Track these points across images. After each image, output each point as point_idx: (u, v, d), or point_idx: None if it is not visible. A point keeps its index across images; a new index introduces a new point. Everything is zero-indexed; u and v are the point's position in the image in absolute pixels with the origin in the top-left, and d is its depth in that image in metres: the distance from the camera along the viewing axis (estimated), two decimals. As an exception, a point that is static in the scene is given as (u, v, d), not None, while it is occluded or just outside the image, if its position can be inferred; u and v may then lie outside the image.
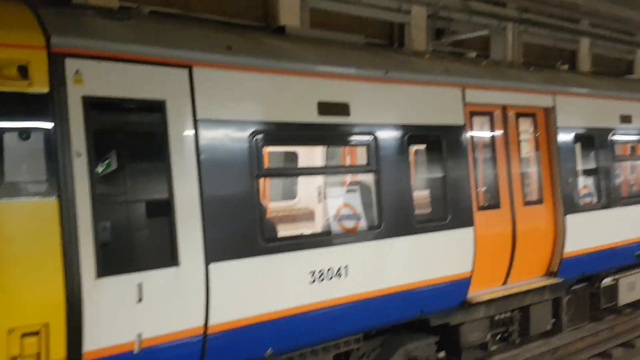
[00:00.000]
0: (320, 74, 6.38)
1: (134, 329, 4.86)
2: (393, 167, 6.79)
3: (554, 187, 8.78)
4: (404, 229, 6.81)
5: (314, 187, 9.49)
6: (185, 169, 5.23)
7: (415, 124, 7.09)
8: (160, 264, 5.05)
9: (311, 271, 6.03)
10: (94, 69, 4.79)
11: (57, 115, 4.57)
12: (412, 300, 6.97)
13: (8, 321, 4.27)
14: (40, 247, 4.43)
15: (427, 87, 7.37)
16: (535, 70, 9.58)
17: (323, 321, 6.19)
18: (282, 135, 6.12)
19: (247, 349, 5.69)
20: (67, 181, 4.55)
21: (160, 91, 5.16)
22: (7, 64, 4.38)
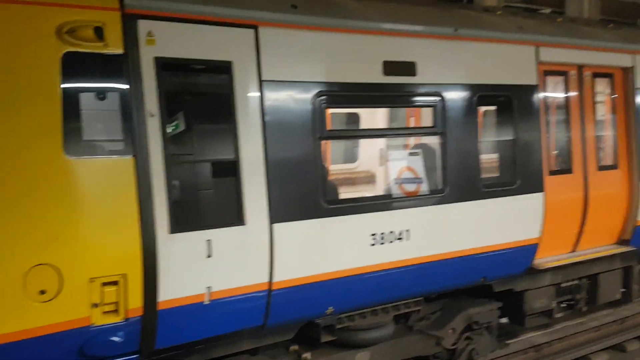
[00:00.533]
0: (386, 32, 6.18)
1: (203, 282, 5.03)
2: (460, 129, 6.57)
3: (630, 152, 8.31)
4: (469, 194, 6.63)
5: (376, 149, 9.37)
6: (250, 130, 5.26)
7: (485, 83, 6.81)
8: (228, 222, 5.16)
9: (372, 234, 6.01)
10: (164, 30, 4.83)
11: (131, 76, 4.67)
12: (476, 265, 6.85)
13: (90, 271, 4.51)
14: (118, 203, 4.61)
15: (499, 45, 7.03)
16: (614, 27, 8.95)
17: (383, 283, 6.19)
18: (345, 96, 6.02)
19: (308, 306, 5.80)
20: (141, 141, 4.68)
21: (227, 52, 5.17)
22: (84, 25, 4.48)
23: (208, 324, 5.18)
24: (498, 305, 7.52)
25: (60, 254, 4.41)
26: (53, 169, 4.39)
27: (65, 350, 4.54)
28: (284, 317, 5.64)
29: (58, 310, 4.43)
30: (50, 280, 4.38)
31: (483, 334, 7.47)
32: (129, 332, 4.74)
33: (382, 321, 6.51)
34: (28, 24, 4.35)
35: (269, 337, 5.80)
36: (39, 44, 4.37)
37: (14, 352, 4.33)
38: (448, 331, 7.13)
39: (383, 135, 8.76)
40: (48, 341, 4.43)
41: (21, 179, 4.30)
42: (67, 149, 4.43)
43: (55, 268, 4.39)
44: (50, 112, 4.38)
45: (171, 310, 4.90)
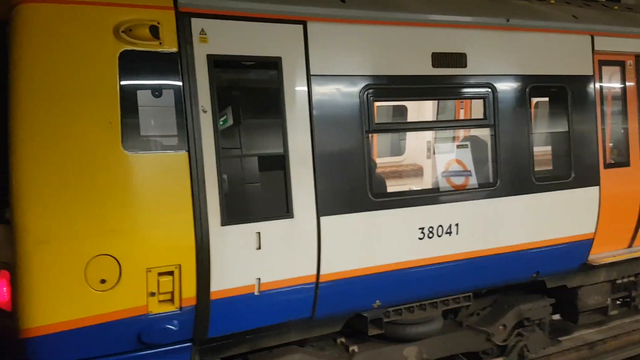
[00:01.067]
0: (435, 23, 6.11)
1: (253, 274, 5.15)
2: (512, 121, 6.44)
3: None
4: (522, 187, 6.50)
5: (424, 142, 9.28)
6: (298, 124, 5.32)
7: (538, 74, 6.64)
8: (276, 215, 5.25)
9: (420, 227, 5.97)
10: (216, 28, 4.95)
11: (185, 73, 4.80)
12: (528, 261, 6.71)
13: (147, 261, 4.70)
14: (173, 196, 4.77)
15: (552, 35, 6.83)
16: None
17: (432, 277, 6.15)
18: (393, 89, 5.99)
19: (356, 299, 5.83)
20: (195, 136, 4.81)
21: (276, 48, 5.24)
22: (140, 24, 4.64)
23: (258, 315, 5.30)
24: (551, 301, 7.36)
25: (119, 245, 4.60)
26: (112, 164, 4.58)
27: (124, 336, 4.74)
28: (331, 309, 5.70)
29: (118, 298, 4.63)
30: (110, 270, 4.58)
31: (535, 330, 7.34)
32: (183, 320, 4.91)
33: (431, 316, 6.48)
34: (88, 24, 4.54)
35: (316, 329, 5.88)
36: (98, 43, 4.56)
37: (77, 338, 4.56)
38: (499, 327, 7.03)
39: (432, 128, 8.65)
40: (109, 328, 4.64)
41: (83, 173, 4.51)
42: (125, 144, 4.61)
43: (114, 258, 4.58)
44: (109, 109, 4.56)
45: (223, 301, 5.04)
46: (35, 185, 4.39)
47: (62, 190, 4.45)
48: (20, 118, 4.40)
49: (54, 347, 4.55)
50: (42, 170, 4.41)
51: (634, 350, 8.16)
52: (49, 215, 4.41)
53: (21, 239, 4.38)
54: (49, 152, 4.42)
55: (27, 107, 4.40)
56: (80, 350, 4.65)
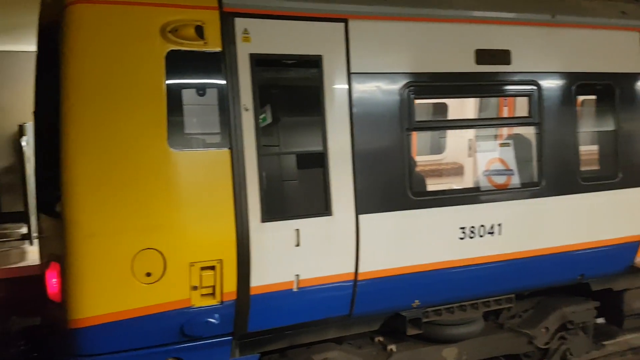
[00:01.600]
0: (479, 19, 6.02)
1: (292, 270, 5.20)
2: (557, 119, 6.29)
3: None
4: (567, 187, 6.35)
5: (465, 140, 9.16)
6: (338, 122, 5.33)
7: (584, 71, 6.46)
8: (316, 212, 5.28)
9: (461, 227, 5.90)
10: (258, 27, 5.01)
11: (228, 72, 4.89)
12: (573, 262, 6.55)
13: (190, 256, 4.81)
14: (215, 193, 4.86)
15: (599, 32, 6.64)
16: None
17: (472, 278, 6.07)
18: (435, 86, 5.94)
19: (394, 298, 5.81)
20: (237, 134, 4.89)
21: (317, 47, 5.26)
22: (186, 24, 4.73)
23: (296, 311, 5.35)
24: (595, 304, 7.16)
25: (164, 240, 4.73)
26: (158, 161, 4.70)
27: (168, 328, 4.86)
28: (369, 307, 5.70)
29: (162, 291, 4.76)
30: (155, 264, 4.71)
31: (578, 333, 7.16)
32: (224, 314, 5.00)
33: (471, 317, 6.40)
34: (136, 24, 4.67)
35: (354, 327, 5.88)
36: (146, 43, 4.68)
37: (123, 329, 4.71)
38: (541, 330, 6.89)
39: (474, 126, 8.51)
40: (153, 320, 4.77)
41: (130, 170, 4.65)
42: (171, 142, 4.72)
43: (159, 252, 4.71)
44: (156, 107, 4.68)
45: (263, 296, 5.11)
46: (85, 180, 4.55)
47: (110, 185, 4.60)
48: (71, 116, 4.57)
49: (101, 337, 4.71)
50: (91, 166, 4.56)
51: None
52: (98, 210, 4.56)
53: (71, 232, 4.55)
54: (98, 149, 4.57)
55: (77, 106, 4.56)
56: (126, 341, 4.80)
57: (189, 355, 5.05)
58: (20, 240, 8.73)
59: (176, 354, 5.03)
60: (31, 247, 8.46)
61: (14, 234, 9.08)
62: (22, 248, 8.36)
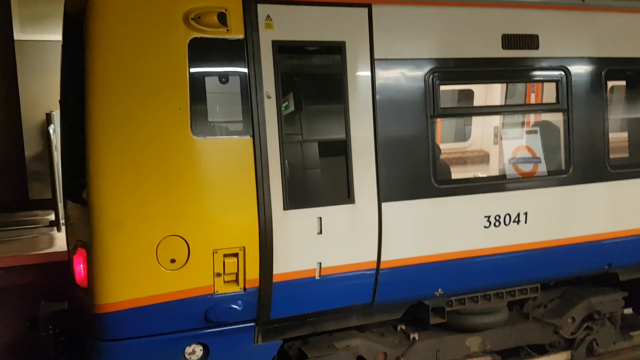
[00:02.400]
0: (506, 3, 5.88)
1: (315, 258, 5.19)
2: (587, 105, 6.13)
3: None
4: (596, 175, 6.20)
5: (491, 127, 9.00)
6: (361, 109, 5.28)
7: (615, 56, 6.28)
8: (338, 200, 5.26)
9: (486, 215, 5.82)
10: (281, 14, 4.97)
11: (251, 59, 4.87)
12: (600, 252, 6.42)
13: (213, 242, 4.84)
14: (238, 180, 4.88)
15: (631, 15, 6.43)
16: None
17: (497, 267, 5.99)
18: (461, 72, 5.82)
19: (417, 287, 5.77)
20: (259, 121, 4.88)
21: (339, 33, 5.20)
22: (209, 12, 4.72)
23: (319, 298, 5.35)
24: (623, 294, 7.03)
25: (188, 227, 4.76)
26: (182, 149, 4.72)
27: (192, 314, 4.92)
28: (392, 296, 5.68)
29: (186, 277, 4.81)
30: (179, 251, 4.75)
31: (605, 324, 7.03)
32: (247, 301, 5.03)
33: (495, 306, 6.33)
34: (159, 12, 4.68)
35: (377, 315, 5.86)
36: (170, 31, 4.69)
37: (148, 314, 4.78)
38: (567, 320, 6.80)
39: (500, 112, 8.35)
40: (178, 305, 4.83)
41: (154, 157, 4.68)
42: (194, 129, 4.74)
43: (183, 239, 4.75)
44: (179, 95, 4.69)
45: (285, 283, 5.12)
46: (111, 168, 4.60)
47: (135, 173, 4.64)
48: (96, 104, 4.61)
49: (126, 322, 4.79)
50: (116, 153, 4.61)
51: None
52: (124, 197, 4.62)
53: (98, 218, 4.62)
54: (123, 137, 4.61)
55: (102, 94, 4.60)
56: (151, 326, 4.87)
57: (213, 340, 5.11)
58: (49, 227, 8.90)
59: (200, 339, 5.09)
60: (59, 233, 8.61)
61: (42, 221, 9.25)
62: (50, 235, 8.52)
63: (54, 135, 8.94)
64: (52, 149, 8.78)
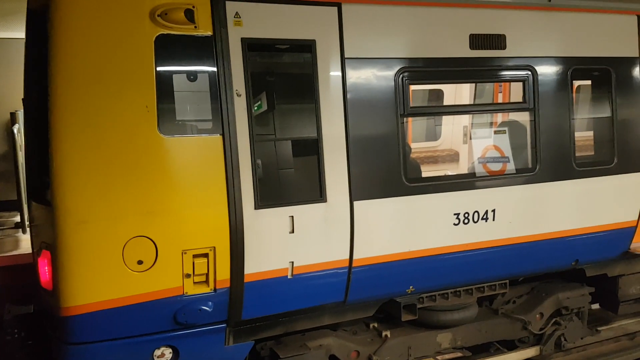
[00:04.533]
0: (473, 4, 5.95)
1: (287, 257, 5.17)
2: (553, 104, 6.25)
3: None
4: (562, 173, 6.32)
5: (460, 127, 9.10)
6: (332, 108, 5.28)
7: (580, 56, 6.41)
8: (310, 199, 5.24)
9: (455, 213, 5.88)
10: (250, 11, 4.94)
11: (219, 57, 4.82)
12: (568, 248, 6.55)
13: (183, 243, 4.77)
14: (207, 179, 4.82)
15: (596, 15, 6.57)
16: None
17: (467, 264, 6.06)
18: (430, 72, 5.87)
19: (389, 284, 5.80)
20: (229, 120, 4.83)
21: (309, 31, 5.19)
22: (176, 8, 4.66)
23: (291, 298, 5.33)
24: (590, 290, 7.18)
25: (156, 227, 4.69)
26: (149, 148, 4.64)
27: (160, 316, 4.84)
28: (364, 294, 5.69)
29: (154, 279, 4.73)
30: (147, 251, 4.67)
31: (573, 319, 7.18)
32: (217, 302, 4.98)
33: (465, 302, 6.40)
34: (125, 8, 4.59)
35: (349, 314, 5.86)
36: (135, 27, 4.60)
37: (115, 317, 4.68)
38: (536, 315, 6.91)
39: (468, 111, 8.45)
40: (145, 308, 4.74)
41: (121, 156, 4.59)
42: (162, 128, 4.66)
43: (151, 240, 4.67)
44: (146, 93, 4.61)
45: (257, 283, 5.08)
46: (75, 167, 4.49)
47: (101, 172, 4.55)
48: (59, 101, 4.50)
49: (92, 325, 4.68)
50: (81, 152, 4.51)
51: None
52: (89, 197, 4.52)
53: (61, 219, 4.51)
54: (88, 135, 4.51)
55: (66, 91, 4.49)
56: (118, 329, 4.77)
57: (182, 342, 5.04)
58: (14, 229, 8.67)
59: (169, 341, 5.01)
60: (24, 235, 8.39)
61: (7, 223, 9.00)
62: (16, 237, 8.30)
63: (19, 135, 8.70)
64: (16, 149, 8.55)
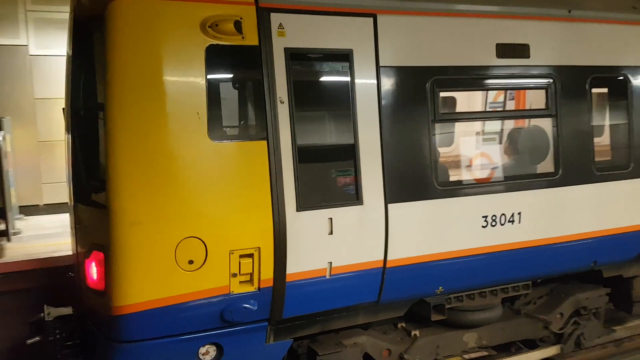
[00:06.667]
0: (500, 14, 6.20)
1: (325, 257, 5.36)
2: (573, 111, 6.50)
3: None
4: (582, 177, 6.57)
5: (473, 133, 9.32)
6: (367, 114, 5.50)
7: (599, 65, 6.68)
8: (347, 202, 5.44)
9: (484, 216, 6.10)
10: (293, 22, 5.15)
11: (264, 66, 5.03)
12: (587, 250, 6.78)
13: (230, 244, 4.96)
14: (253, 182, 5.01)
15: (613, 26, 6.85)
16: None
17: (493, 265, 6.27)
18: (460, 79, 6.10)
19: (420, 285, 6.00)
20: (273, 125, 5.03)
21: (347, 41, 5.41)
22: (226, 20, 4.87)
23: (329, 297, 5.51)
24: (607, 291, 7.41)
25: (206, 228, 4.87)
26: (200, 152, 4.83)
27: (208, 314, 5.01)
28: (396, 294, 5.88)
29: (204, 278, 4.90)
30: (197, 252, 4.85)
31: (591, 319, 7.40)
32: (261, 301, 5.15)
33: (491, 303, 6.61)
34: (178, 19, 4.78)
35: (382, 313, 6.06)
36: (188, 37, 4.80)
37: (166, 315, 4.85)
38: (556, 315, 7.13)
39: (495, 117, 8.70)
40: (195, 306, 4.91)
41: (173, 160, 4.77)
42: (211, 134, 4.86)
43: (201, 241, 4.85)
44: (197, 100, 4.80)
45: (297, 283, 5.27)
46: (130, 171, 4.67)
47: (154, 176, 4.73)
48: (115, 109, 4.68)
49: (143, 323, 4.84)
50: (136, 157, 4.69)
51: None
52: (143, 199, 4.69)
53: (117, 221, 4.68)
54: (142, 141, 4.69)
55: (122, 98, 4.68)
56: (168, 327, 4.94)
57: (227, 340, 5.21)
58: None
59: (215, 339, 5.19)
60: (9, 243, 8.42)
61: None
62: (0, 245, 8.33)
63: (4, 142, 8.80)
64: (1, 157, 8.63)
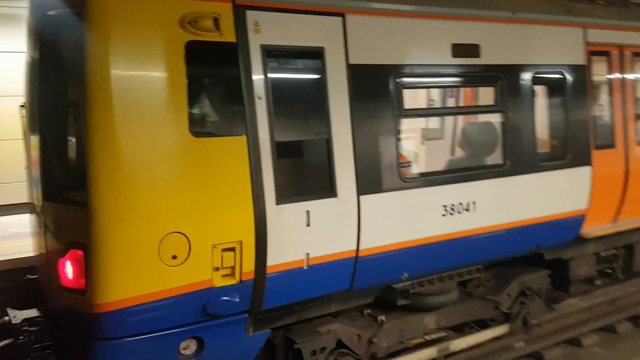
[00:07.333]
0: (454, 16, 6.61)
1: (303, 249, 5.54)
2: (519, 107, 7.04)
3: None
4: (527, 167, 7.13)
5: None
6: (340, 110, 5.72)
7: (540, 63, 7.27)
8: (323, 194, 5.64)
9: (444, 205, 6.50)
10: (268, 20, 5.28)
11: (242, 62, 5.12)
12: (531, 234, 7.36)
13: (213, 238, 5.02)
14: (234, 177, 5.09)
15: (552, 28, 7.47)
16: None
17: (453, 251, 6.71)
18: (420, 77, 6.46)
19: (388, 272, 6.32)
20: (251, 121, 5.14)
21: (319, 39, 5.61)
22: (205, 16, 4.91)
23: (306, 287, 5.71)
24: (548, 272, 8.06)
25: (189, 223, 4.90)
26: (181, 147, 4.85)
27: (191, 309, 5.05)
28: (367, 281, 6.16)
29: (187, 272, 4.94)
30: (180, 247, 4.88)
31: (535, 298, 8.02)
32: (242, 293, 5.25)
33: (448, 287, 7.04)
34: (157, 14, 4.78)
35: (352, 301, 6.32)
36: (167, 33, 4.80)
37: (150, 311, 4.84)
38: (505, 296, 7.67)
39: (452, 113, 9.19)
40: (178, 301, 4.94)
41: (154, 156, 4.77)
42: (192, 129, 4.90)
43: (185, 236, 4.89)
44: (177, 95, 4.82)
45: (277, 274, 5.41)
46: (112, 168, 4.63)
47: (135, 172, 4.70)
48: (94, 104, 4.62)
49: (127, 321, 4.82)
50: (117, 153, 4.64)
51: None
52: (126, 196, 4.66)
53: (99, 218, 4.62)
54: (123, 137, 4.65)
55: (101, 93, 4.62)
56: (152, 323, 4.94)
57: (208, 333, 5.27)
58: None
59: (196, 333, 5.23)
60: None
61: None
62: None
63: None
64: None
